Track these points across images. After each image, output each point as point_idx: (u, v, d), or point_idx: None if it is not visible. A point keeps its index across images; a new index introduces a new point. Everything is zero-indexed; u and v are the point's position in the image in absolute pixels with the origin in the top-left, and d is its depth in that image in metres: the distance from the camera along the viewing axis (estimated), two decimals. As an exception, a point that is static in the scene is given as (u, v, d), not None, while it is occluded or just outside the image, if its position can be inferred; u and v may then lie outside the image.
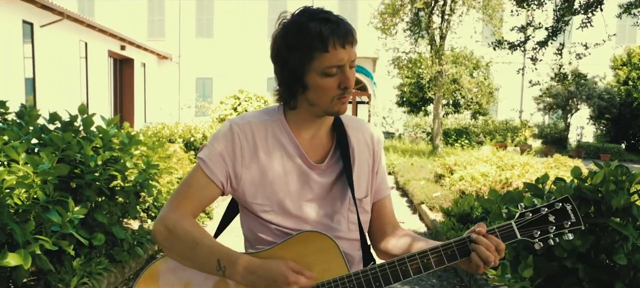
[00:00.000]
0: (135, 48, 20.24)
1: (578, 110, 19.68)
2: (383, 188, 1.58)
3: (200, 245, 1.33)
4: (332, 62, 1.32)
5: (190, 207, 1.40)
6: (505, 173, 7.17)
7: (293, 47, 1.34)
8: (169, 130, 9.73)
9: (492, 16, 14.31)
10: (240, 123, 1.44)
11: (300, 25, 1.34)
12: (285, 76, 1.39)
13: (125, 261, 4.12)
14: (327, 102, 1.38)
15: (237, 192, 1.45)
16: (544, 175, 3.52)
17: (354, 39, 1.35)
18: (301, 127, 1.46)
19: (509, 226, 1.38)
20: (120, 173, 4.05)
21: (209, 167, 1.40)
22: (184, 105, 25.05)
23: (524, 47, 7.23)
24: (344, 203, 1.48)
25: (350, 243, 1.49)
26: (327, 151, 1.49)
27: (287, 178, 1.44)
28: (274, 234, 1.44)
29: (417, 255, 1.35)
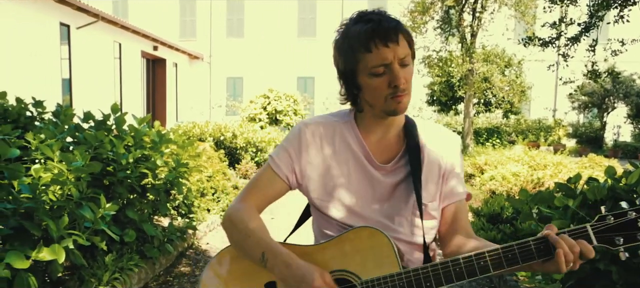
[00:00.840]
0: (167, 48, 20.57)
1: (615, 109, 19.13)
2: (454, 193, 1.53)
3: (251, 236, 1.40)
4: (377, 62, 1.34)
5: (256, 200, 1.49)
6: (537, 173, 7.04)
7: (342, 51, 1.41)
8: (199, 129, 9.85)
9: (525, 13, 14.04)
10: (309, 123, 1.52)
11: (346, 30, 1.39)
12: (342, 79, 1.45)
13: (156, 257, 4.20)
14: (381, 102, 1.39)
15: (302, 187, 1.53)
16: (577, 174, 3.44)
17: (400, 36, 1.34)
18: (369, 128, 1.50)
19: (583, 230, 1.23)
20: (151, 171, 4.12)
21: (276, 162, 1.50)
22: (215, 104, 25.35)
23: (555, 43, 7.06)
24: (407, 206, 1.47)
25: (411, 247, 1.48)
26: (395, 153, 1.50)
27: (350, 176, 1.48)
28: (335, 229, 1.48)
29: (486, 253, 1.26)
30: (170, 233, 4.56)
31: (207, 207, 6.10)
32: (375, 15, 1.36)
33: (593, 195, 3.12)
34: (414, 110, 22.39)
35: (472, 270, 1.26)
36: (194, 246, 5.24)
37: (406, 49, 1.36)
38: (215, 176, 6.63)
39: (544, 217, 3.46)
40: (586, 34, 6.78)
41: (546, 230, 1.24)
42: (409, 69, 1.38)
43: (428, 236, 1.49)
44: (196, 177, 5.98)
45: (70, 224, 3.11)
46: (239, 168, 9.21)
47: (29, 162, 3.43)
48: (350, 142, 1.49)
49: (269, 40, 25.87)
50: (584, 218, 3.14)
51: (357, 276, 1.36)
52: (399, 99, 1.37)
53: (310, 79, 25.95)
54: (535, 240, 1.24)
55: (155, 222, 4.79)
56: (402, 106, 1.38)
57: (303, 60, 25.69)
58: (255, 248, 1.38)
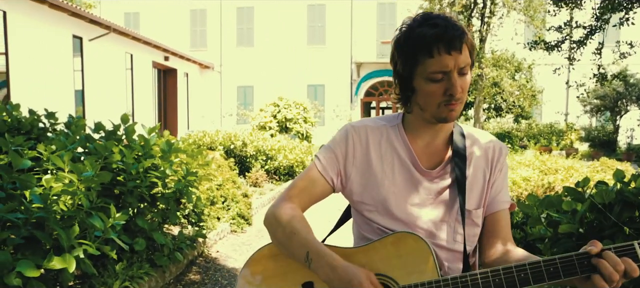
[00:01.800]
0: (178, 58, 20.75)
1: (628, 112, 18.93)
2: (498, 202, 1.51)
3: (296, 235, 1.39)
4: (436, 68, 1.33)
5: (300, 200, 1.49)
6: (547, 177, 6.99)
7: (402, 52, 1.39)
8: (209, 138, 9.91)
9: (534, 17, 13.99)
10: (356, 126, 1.52)
11: (409, 30, 1.37)
12: (397, 79, 1.44)
13: (166, 266, 4.23)
14: (433, 108, 1.38)
15: (346, 190, 1.53)
16: (585, 178, 3.42)
17: (463, 45, 1.33)
18: (417, 133, 1.49)
19: (631, 247, 1.17)
20: (160, 181, 4.16)
21: (322, 164, 1.50)
22: (226, 113, 25.48)
23: (560, 47, 7.02)
24: (451, 213, 1.46)
25: (452, 255, 1.47)
26: (441, 159, 1.50)
27: (395, 180, 1.48)
28: (376, 233, 1.48)
29: (526, 265, 1.23)
30: (180, 242, 4.60)
31: (216, 215, 6.13)
32: (441, 20, 1.34)
33: (601, 199, 3.11)
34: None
35: (511, 281, 1.23)
36: (204, 254, 5.27)
37: (467, 58, 1.35)
38: (225, 184, 6.67)
39: (552, 222, 3.45)
40: (592, 37, 6.75)
41: (590, 246, 1.20)
42: (467, 79, 1.37)
43: (470, 243, 1.49)
44: (206, 185, 6.02)
45: (81, 233, 3.16)
46: (249, 176, 9.25)
47: (41, 173, 3.48)
48: (397, 146, 1.49)
49: (279, 49, 25.97)
50: (592, 223, 3.12)
51: (395, 281, 1.35)
52: (452, 107, 1.36)
53: (320, 87, 25.99)
54: (578, 255, 1.20)
55: (165, 231, 4.83)
56: (454, 114, 1.38)
57: (313, 68, 25.75)
58: (300, 248, 1.37)
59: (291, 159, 10.64)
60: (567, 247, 3.26)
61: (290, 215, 1.43)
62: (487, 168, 1.50)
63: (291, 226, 1.40)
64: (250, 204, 7.07)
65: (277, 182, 10.13)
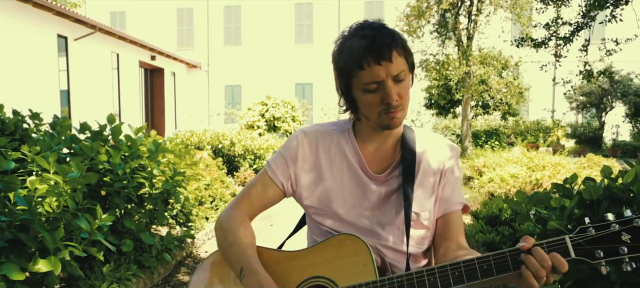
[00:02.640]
0: (165, 58, 20.62)
1: (613, 108, 19.14)
2: (449, 204, 1.52)
3: (234, 247, 1.43)
4: (369, 79, 1.34)
5: (250, 206, 1.52)
6: (535, 174, 7.03)
7: (337, 65, 1.42)
8: (197, 138, 9.85)
9: (520, 15, 14.08)
10: (307, 131, 1.55)
11: (342, 43, 1.40)
12: (339, 91, 1.46)
13: (154, 267, 4.19)
14: (375, 117, 1.40)
15: (297, 194, 1.55)
16: (573, 175, 3.44)
17: (393, 53, 1.33)
18: (366, 138, 1.52)
19: (562, 242, 1.16)
20: (147, 181, 4.11)
21: (272, 169, 1.52)
22: (214, 112, 25.40)
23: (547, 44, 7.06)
24: (398, 216, 1.48)
25: (399, 255, 1.48)
26: (390, 163, 1.51)
27: (343, 185, 1.50)
28: (325, 236, 1.50)
29: (461, 263, 1.24)
30: (168, 243, 4.55)
31: (205, 215, 6.09)
32: (371, 30, 1.34)
33: (589, 195, 3.12)
34: (412, 114, 22.43)
35: (446, 280, 1.23)
36: (193, 255, 5.23)
37: (401, 65, 1.35)
38: (213, 184, 6.63)
39: (541, 218, 3.47)
40: (578, 34, 6.81)
41: (522, 242, 1.19)
42: (404, 84, 1.37)
43: (419, 246, 1.50)
44: (194, 185, 5.98)
45: (67, 235, 3.11)
46: (238, 175, 9.20)
47: (25, 174, 3.43)
48: (346, 151, 1.51)
49: (267, 48, 25.94)
50: (581, 219, 3.13)
51: (335, 283, 1.36)
52: (392, 115, 1.38)
53: (308, 85, 26.00)
54: (511, 251, 1.20)
55: (153, 232, 4.78)
56: (395, 121, 1.39)
57: (301, 66, 25.75)
58: (236, 261, 1.41)
59: (280, 158, 10.59)
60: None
61: (234, 226, 1.47)
62: (437, 171, 1.52)
63: (233, 237, 1.44)
64: (238, 204, 7.02)
65: (265, 181, 10.07)
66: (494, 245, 4.97)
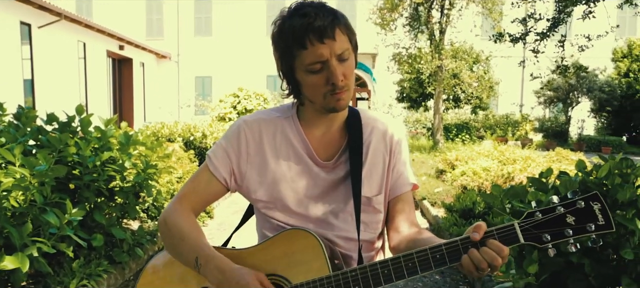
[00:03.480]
0: (134, 47, 20.19)
1: (579, 103, 19.62)
2: (400, 185, 1.49)
3: (185, 240, 1.36)
4: (312, 59, 1.28)
5: (192, 202, 1.44)
6: (507, 167, 7.12)
7: (278, 47, 1.35)
8: (168, 130, 9.67)
9: (492, 10, 14.24)
10: (249, 120, 1.46)
11: (281, 25, 1.33)
12: (281, 74, 1.40)
13: (125, 262, 4.08)
14: (320, 99, 1.35)
15: (242, 188, 1.47)
16: (548, 169, 3.47)
17: (336, 31, 1.28)
18: (311, 123, 1.45)
19: (511, 228, 1.18)
20: (118, 174, 4.01)
21: (213, 164, 1.44)
22: (184, 104, 25.04)
23: (525, 39, 7.17)
24: (350, 202, 1.43)
25: (353, 244, 1.44)
26: (338, 148, 1.46)
27: (292, 175, 1.43)
28: (275, 230, 1.44)
29: (413, 253, 1.23)
30: (140, 237, 4.45)
31: (177, 208, 5.97)
32: (311, 8, 1.29)
33: (565, 189, 3.15)
34: (384, 107, 22.56)
35: (399, 271, 1.22)
36: (165, 249, 5.12)
37: (344, 43, 1.30)
38: (185, 177, 6.51)
39: (516, 212, 3.49)
40: (555, 29, 6.93)
41: (474, 231, 1.19)
42: (349, 64, 1.33)
43: (373, 230, 1.48)
44: (166, 178, 5.85)
45: (35, 231, 2.99)
46: (210, 168, 9.07)
47: (-11, 167, 3.28)
48: (292, 138, 1.44)
49: (238, 39, 25.68)
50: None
51: (288, 280, 1.33)
52: (338, 96, 1.33)
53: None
54: (462, 239, 1.20)
55: (124, 226, 4.67)
56: (341, 103, 1.34)
57: (272, 58, 25.03)
58: (190, 253, 1.34)
59: (252, 151, 10.50)
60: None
61: (179, 220, 1.39)
62: (386, 152, 1.48)
63: (180, 232, 1.37)
64: (211, 197, 6.92)
65: (238, 173, 9.99)
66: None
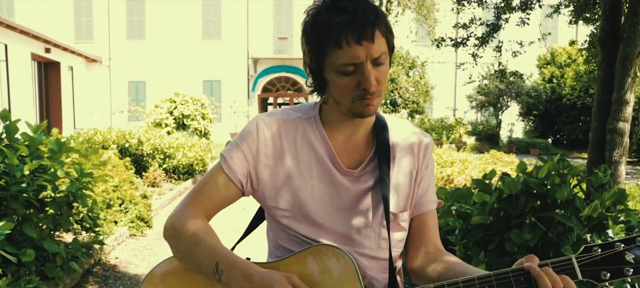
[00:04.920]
0: (61, 50, 19.24)
1: (508, 108, 20.53)
2: (425, 202, 1.38)
3: (201, 245, 1.21)
4: (346, 60, 1.16)
5: (204, 206, 1.29)
6: (446, 170, 7.30)
7: (309, 41, 1.22)
8: (101, 136, 9.25)
9: (427, 16, 14.64)
10: (267, 119, 1.32)
11: (316, 16, 1.19)
12: (308, 69, 1.27)
13: (59, 277, 3.84)
14: (348, 102, 1.22)
15: (258, 193, 1.33)
16: (492, 171, 3.56)
17: (376, 33, 1.16)
18: (335, 127, 1.32)
19: (569, 263, 1.11)
20: (50, 184, 3.79)
21: (229, 165, 1.29)
22: (116, 109, 24.16)
23: (466, 43, 7.39)
24: (376, 217, 1.31)
25: (378, 264, 1.33)
26: (363, 156, 1.33)
27: (313, 182, 1.30)
28: (293, 242, 1.31)
29: (460, 282, 1.13)
30: (75, 250, 4.20)
31: (114, 218, 5.70)
32: (351, 3, 1.16)
33: (508, 190, 3.24)
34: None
35: None
36: (102, 262, 4.88)
37: (382, 46, 1.18)
38: (121, 185, 6.23)
39: (462, 214, 3.56)
40: (493, 35, 7.19)
41: (527, 262, 1.10)
42: (384, 69, 1.21)
43: (396, 249, 1.35)
44: (101, 187, 5.57)
45: (-44, 248, 2.73)
46: (147, 176, 8.75)
47: None
48: (314, 143, 1.31)
49: (173, 43, 25.08)
50: (508, 213, 3.23)
51: None
52: (368, 101, 1.21)
53: (216, 82, 25.48)
54: (514, 271, 1.11)
55: (57, 239, 4.40)
56: (371, 109, 1.23)
57: (208, 63, 25.18)
58: (207, 258, 1.19)
59: (190, 157, 10.24)
60: (478, 238, 3.37)
61: (192, 224, 1.24)
62: (413, 165, 1.37)
63: (194, 236, 1.22)
64: (149, 206, 6.66)
65: (176, 181, 9.71)
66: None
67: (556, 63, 22.08)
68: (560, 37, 25.15)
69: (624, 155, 5.02)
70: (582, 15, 7.93)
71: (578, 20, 8.18)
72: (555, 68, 22.13)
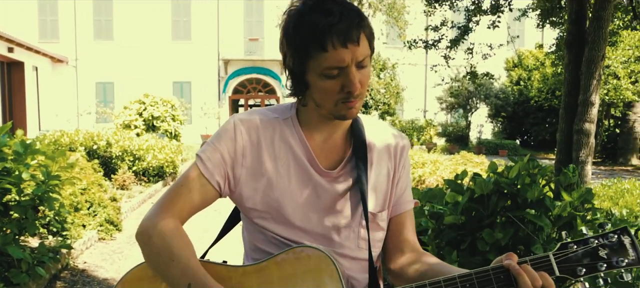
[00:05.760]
0: (25, 50, 18.72)
1: (477, 109, 20.88)
2: (403, 202, 1.39)
3: (175, 261, 1.17)
4: (331, 63, 1.15)
5: (179, 210, 1.25)
6: (417, 171, 7.37)
7: (291, 43, 1.19)
8: (68, 138, 9.03)
9: (398, 19, 14.78)
10: (245, 120, 1.30)
11: (299, 18, 1.17)
12: (288, 71, 1.24)
13: (24, 283, 3.72)
14: (331, 106, 1.22)
15: (235, 195, 1.31)
16: (463, 171, 3.59)
17: (362, 35, 1.16)
18: (314, 128, 1.31)
19: (546, 259, 1.15)
20: (15, 187, 3.66)
21: (205, 165, 1.26)
22: (83, 111, 23.64)
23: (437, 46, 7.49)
24: (355, 217, 1.32)
25: (357, 264, 1.33)
26: (341, 157, 1.33)
27: (291, 184, 1.29)
28: (271, 244, 1.29)
29: (441, 281, 1.15)
30: (41, 255, 4.07)
31: (82, 222, 5.56)
32: (336, 5, 1.15)
33: (480, 190, 3.28)
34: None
35: None
36: (70, 266, 4.76)
37: (366, 49, 1.19)
38: (90, 188, 6.09)
39: (435, 214, 3.59)
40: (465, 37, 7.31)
41: (506, 260, 1.13)
42: (366, 71, 1.21)
43: (375, 249, 1.35)
44: (69, 190, 5.43)
45: None
46: (116, 178, 8.58)
47: None
48: (292, 143, 1.30)
49: (141, 44, 24.70)
50: (479, 213, 3.27)
51: None
52: (351, 104, 1.21)
53: (186, 84, 25.21)
54: (494, 269, 1.14)
55: (22, 243, 4.26)
56: (353, 112, 1.23)
57: (178, 64, 24.89)
58: (181, 278, 1.16)
59: (161, 159, 10.10)
60: (450, 237, 3.41)
61: (166, 232, 1.20)
62: (390, 165, 1.37)
63: (169, 248, 1.19)
64: (119, 209, 6.53)
65: (146, 183, 9.55)
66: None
67: (523, 66, 22.58)
68: (527, 40, 25.72)
69: (590, 155, 5.15)
70: (548, 19, 8.14)
71: (545, 24, 8.39)
72: (523, 70, 22.63)
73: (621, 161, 17.55)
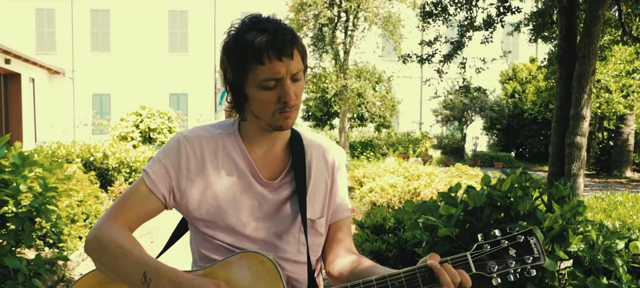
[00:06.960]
0: (22, 62, 18.73)
1: (472, 122, 20.98)
2: (341, 210, 1.52)
3: (127, 255, 1.25)
4: (268, 75, 1.27)
5: (127, 219, 1.34)
6: (412, 183, 7.41)
7: (231, 58, 1.32)
8: (65, 150, 9.05)
9: (393, 32, 14.89)
10: (189, 136, 1.39)
11: (237, 36, 1.30)
12: (228, 86, 1.36)
13: (21, 295, 3.73)
14: (268, 116, 1.33)
15: (181, 206, 1.40)
16: (457, 184, 3.63)
17: (294, 50, 1.29)
18: (254, 141, 1.42)
19: (464, 258, 1.29)
20: (12, 198, 3.68)
21: (151, 179, 1.35)
22: (80, 122, 23.63)
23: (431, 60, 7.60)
24: (295, 224, 1.42)
25: (299, 267, 1.43)
26: (281, 168, 1.44)
27: (235, 194, 1.38)
28: (218, 251, 1.38)
29: (373, 280, 1.26)
30: (38, 266, 4.08)
31: (78, 234, 5.58)
32: (271, 24, 1.28)
33: (474, 202, 3.33)
34: (290, 125, 22.70)
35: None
36: (66, 278, 4.76)
37: (299, 64, 1.31)
38: (86, 200, 6.11)
39: (429, 226, 3.63)
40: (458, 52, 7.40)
41: (430, 259, 1.25)
42: (300, 84, 1.33)
43: (314, 254, 1.46)
44: (66, 202, 5.46)
45: None
46: (112, 190, 8.60)
47: None
48: (235, 157, 1.40)
49: (138, 56, 24.76)
50: (473, 225, 3.31)
51: None
52: (287, 114, 1.32)
53: (183, 96, 25.25)
54: (419, 268, 1.25)
55: (19, 255, 4.28)
56: (289, 122, 1.34)
57: (175, 76, 24.94)
58: (135, 268, 1.23)
59: (157, 171, 10.11)
60: (444, 249, 3.45)
61: (116, 236, 1.28)
62: (328, 175, 1.49)
63: (121, 247, 1.26)
64: (114, 221, 6.54)
65: (142, 195, 9.55)
66: (381, 253, 5.12)
67: (518, 79, 22.73)
68: (521, 54, 25.92)
69: (582, 168, 5.21)
70: (540, 34, 8.27)
71: (537, 39, 8.52)
72: (517, 83, 22.79)
73: (615, 173, 17.64)
